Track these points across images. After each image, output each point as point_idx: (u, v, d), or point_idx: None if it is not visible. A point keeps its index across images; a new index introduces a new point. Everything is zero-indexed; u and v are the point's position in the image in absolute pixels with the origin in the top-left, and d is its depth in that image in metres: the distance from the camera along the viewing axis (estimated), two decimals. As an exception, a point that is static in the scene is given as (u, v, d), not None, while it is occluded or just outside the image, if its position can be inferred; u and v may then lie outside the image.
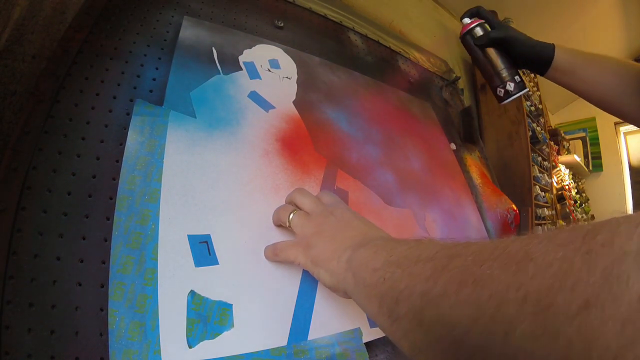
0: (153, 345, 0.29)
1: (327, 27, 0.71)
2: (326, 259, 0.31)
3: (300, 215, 0.35)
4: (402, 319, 0.22)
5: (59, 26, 0.43)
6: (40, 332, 0.27)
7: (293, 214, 0.35)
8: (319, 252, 0.31)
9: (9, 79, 0.39)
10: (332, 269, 0.30)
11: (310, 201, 0.36)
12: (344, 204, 0.37)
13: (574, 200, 1.94)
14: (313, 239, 0.32)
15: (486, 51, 0.63)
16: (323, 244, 0.32)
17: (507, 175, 1.19)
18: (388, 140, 0.62)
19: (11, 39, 0.39)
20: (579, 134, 2.54)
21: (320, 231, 0.33)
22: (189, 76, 0.44)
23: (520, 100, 1.22)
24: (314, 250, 0.32)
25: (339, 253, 0.30)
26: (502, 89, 0.63)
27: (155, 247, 0.32)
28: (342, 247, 0.30)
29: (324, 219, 0.34)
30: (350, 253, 0.29)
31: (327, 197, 0.38)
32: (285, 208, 0.37)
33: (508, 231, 0.77)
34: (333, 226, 0.33)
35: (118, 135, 0.37)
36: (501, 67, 0.62)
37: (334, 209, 0.35)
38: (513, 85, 0.62)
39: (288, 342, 0.34)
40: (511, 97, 0.63)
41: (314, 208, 0.35)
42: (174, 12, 0.49)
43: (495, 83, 0.64)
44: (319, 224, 0.33)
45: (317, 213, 0.35)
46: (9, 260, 0.28)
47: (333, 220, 0.33)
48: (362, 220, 0.34)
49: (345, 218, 0.34)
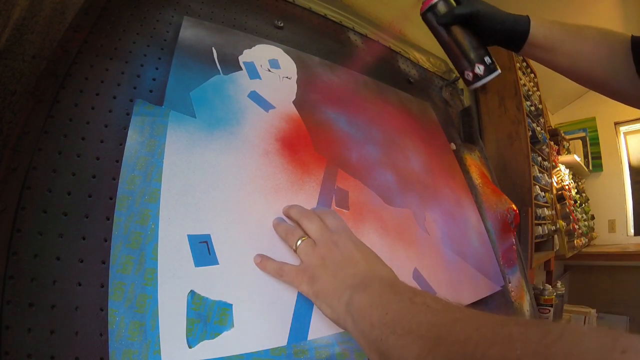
0: (153, 345, 0.29)
1: (327, 27, 0.71)
2: (328, 295, 0.33)
3: (307, 244, 0.36)
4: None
5: (59, 26, 0.43)
6: (40, 332, 0.27)
7: (301, 241, 0.37)
8: (322, 288, 0.33)
9: (9, 79, 0.39)
10: (333, 306, 0.32)
11: (317, 228, 0.37)
12: (347, 230, 0.39)
13: (574, 200, 1.94)
14: (317, 271, 0.34)
15: (451, 30, 0.55)
16: (326, 278, 0.33)
17: (507, 175, 1.19)
18: (388, 140, 0.62)
19: (11, 39, 0.39)
20: (579, 134, 2.54)
21: (324, 264, 0.34)
22: (189, 76, 0.44)
23: (520, 100, 1.22)
24: (317, 285, 0.33)
25: (339, 293, 0.32)
26: (470, 72, 0.57)
27: (155, 247, 0.32)
28: (343, 286, 0.32)
29: (328, 251, 0.35)
30: (350, 295, 0.31)
31: (332, 221, 0.39)
32: (294, 232, 0.38)
33: (508, 231, 0.77)
34: (336, 260, 0.34)
35: (118, 135, 0.37)
36: (468, 47, 0.55)
37: (338, 237, 0.36)
38: (483, 68, 0.56)
39: (288, 342, 0.34)
40: (480, 80, 0.57)
41: (319, 237, 0.37)
42: (174, 12, 0.49)
43: (462, 66, 0.57)
44: (323, 256, 0.35)
45: (322, 243, 0.36)
46: (9, 260, 0.28)
47: (337, 254, 0.35)
48: (363, 254, 0.36)
49: (348, 251, 0.35)
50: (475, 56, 0.56)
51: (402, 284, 0.32)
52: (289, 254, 0.38)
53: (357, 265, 0.34)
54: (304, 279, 0.34)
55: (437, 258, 0.54)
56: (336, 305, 0.32)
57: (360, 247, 0.37)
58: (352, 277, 0.33)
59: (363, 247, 0.37)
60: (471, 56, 0.56)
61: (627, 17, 1.69)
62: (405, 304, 0.27)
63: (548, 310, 1.12)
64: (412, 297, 0.28)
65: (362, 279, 0.32)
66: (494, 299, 0.63)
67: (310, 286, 0.34)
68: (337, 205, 0.46)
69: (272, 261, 0.37)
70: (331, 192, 0.47)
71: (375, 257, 0.36)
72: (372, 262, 0.35)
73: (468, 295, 0.55)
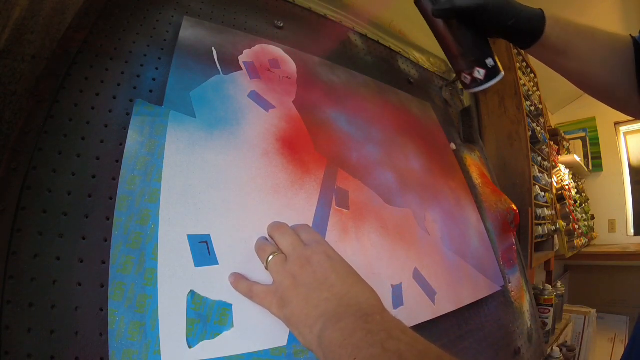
0: (153, 345, 0.29)
1: (327, 27, 0.71)
2: (299, 323, 0.30)
3: (277, 261, 0.34)
4: None
5: (59, 26, 0.43)
6: (40, 332, 0.27)
7: (272, 257, 0.34)
8: (293, 313, 0.31)
9: (9, 79, 0.39)
10: (304, 335, 0.30)
11: (289, 243, 0.35)
12: (323, 244, 0.35)
13: (574, 200, 1.94)
14: (288, 293, 0.31)
15: (450, 23, 0.47)
16: (297, 302, 0.31)
17: (507, 175, 1.19)
18: (388, 140, 0.62)
19: (11, 39, 0.39)
20: (579, 134, 2.54)
21: (295, 285, 0.32)
22: (189, 76, 0.44)
23: (520, 100, 1.22)
24: (287, 309, 0.31)
25: (311, 322, 0.29)
26: (468, 75, 0.48)
27: (155, 247, 0.32)
28: (315, 314, 0.30)
29: (300, 269, 0.32)
30: (321, 327, 0.28)
31: (306, 235, 0.36)
32: (266, 248, 0.36)
33: (508, 231, 0.77)
34: (308, 281, 0.32)
35: (118, 135, 0.37)
36: (468, 46, 0.46)
37: (311, 253, 0.33)
38: (483, 73, 0.47)
39: (288, 342, 0.34)
40: (480, 86, 0.48)
41: (292, 252, 0.34)
42: (174, 12, 0.49)
43: (460, 66, 0.49)
44: (294, 274, 0.32)
45: (294, 259, 0.33)
46: (9, 260, 0.28)
47: (309, 273, 0.32)
48: (339, 274, 0.32)
49: (322, 270, 0.32)
50: (476, 58, 0.47)
51: (379, 316, 0.29)
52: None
53: (332, 288, 0.31)
54: (273, 301, 0.32)
55: (437, 258, 0.54)
56: (308, 335, 0.29)
57: (337, 264, 0.33)
58: (326, 303, 0.30)
59: (340, 265, 0.33)
60: (471, 57, 0.47)
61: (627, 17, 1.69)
62: (376, 350, 0.25)
63: (548, 311, 1.12)
64: (384, 341, 0.26)
65: (336, 307, 0.30)
66: (494, 299, 0.63)
67: (280, 310, 0.32)
68: (338, 205, 0.46)
69: (244, 281, 0.34)
70: (331, 191, 0.47)
71: (352, 276, 0.33)
72: (348, 284, 0.32)
73: (468, 295, 0.55)
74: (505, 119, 1.23)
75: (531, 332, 0.71)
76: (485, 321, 0.59)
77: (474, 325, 0.56)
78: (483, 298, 0.59)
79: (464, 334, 0.54)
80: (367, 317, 0.29)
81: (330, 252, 0.35)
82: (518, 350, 0.64)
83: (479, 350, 0.55)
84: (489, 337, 0.58)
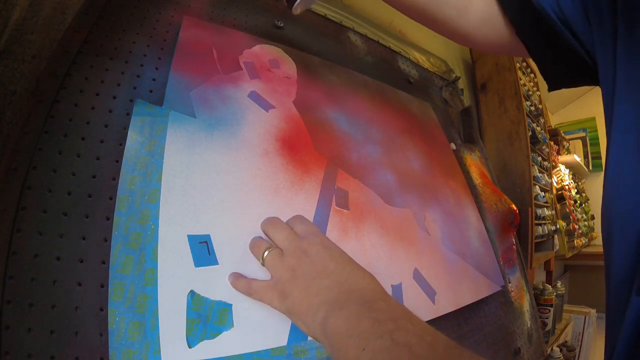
0: (153, 345, 0.29)
1: (327, 27, 0.71)
2: (302, 312, 0.30)
3: (273, 255, 0.33)
4: None
5: (59, 26, 0.43)
6: (40, 332, 0.27)
7: (267, 252, 0.34)
8: (294, 304, 0.30)
9: (9, 79, 0.39)
10: (308, 324, 0.29)
11: (284, 237, 0.35)
12: (318, 235, 0.35)
13: (574, 200, 1.94)
14: (287, 285, 0.31)
15: None
16: (297, 293, 0.31)
17: (507, 175, 1.19)
18: (388, 140, 0.62)
19: (11, 39, 0.39)
20: (579, 134, 2.54)
21: (293, 277, 0.31)
22: (189, 76, 0.44)
23: (520, 100, 1.22)
24: (288, 301, 0.31)
25: (313, 309, 0.29)
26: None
27: (155, 247, 0.32)
28: (317, 302, 0.29)
29: (297, 261, 0.32)
30: (324, 315, 0.28)
31: (300, 226, 0.36)
32: (260, 245, 0.35)
33: (508, 231, 0.77)
34: (307, 271, 0.31)
35: (118, 135, 0.37)
36: None
37: (308, 245, 0.33)
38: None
39: (288, 342, 0.34)
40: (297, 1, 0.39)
41: (287, 246, 0.34)
42: (174, 12, 0.49)
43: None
44: (292, 267, 0.32)
45: (290, 252, 0.33)
46: (9, 260, 0.28)
47: (307, 264, 0.32)
48: (337, 262, 0.32)
49: (320, 260, 0.32)
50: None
51: (382, 302, 0.29)
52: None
53: (331, 276, 0.31)
54: (274, 295, 0.32)
55: (437, 258, 0.54)
56: (311, 323, 0.29)
57: (335, 253, 0.33)
58: (326, 290, 0.30)
59: (337, 254, 0.33)
60: None
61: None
62: (385, 342, 0.24)
63: (548, 310, 1.12)
64: (393, 332, 0.25)
65: (337, 293, 0.29)
66: (494, 299, 0.63)
67: (281, 303, 0.31)
68: (337, 205, 0.46)
69: (242, 279, 0.34)
70: (331, 191, 0.47)
71: (351, 265, 0.33)
72: (347, 270, 0.32)
73: (468, 295, 0.55)
74: (505, 119, 1.23)
75: (531, 332, 0.71)
76: (485, 321, 0.59)
77: (474, 325, 0.56)
78: (483, 298, 0.59)
79: (464, 334, 0.54)
80: (370, 303, 0.28)
81: (327, 242, 0.34)
82: (518, 350, 0.64)
83: (479, 350, 0.55)
84: (488, 337, 0.58)
